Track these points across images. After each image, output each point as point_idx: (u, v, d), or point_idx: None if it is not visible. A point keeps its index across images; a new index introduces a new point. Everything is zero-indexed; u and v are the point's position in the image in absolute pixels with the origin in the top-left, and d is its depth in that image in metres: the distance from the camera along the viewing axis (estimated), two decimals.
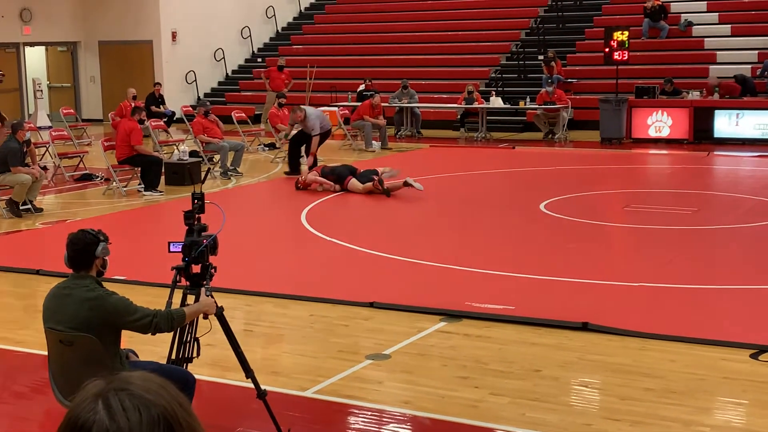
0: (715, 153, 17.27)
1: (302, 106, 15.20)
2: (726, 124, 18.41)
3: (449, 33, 25.45)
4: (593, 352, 6.51)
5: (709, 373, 6.09)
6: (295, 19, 28.86)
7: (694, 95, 18.94)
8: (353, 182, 13.36)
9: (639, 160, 17.37)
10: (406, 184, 13.16)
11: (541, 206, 12.02)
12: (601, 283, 8.34)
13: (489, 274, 8.69)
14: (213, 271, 5.13)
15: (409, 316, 7.42)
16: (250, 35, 27.46)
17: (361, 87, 22.18)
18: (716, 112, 18.43)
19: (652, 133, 18.87)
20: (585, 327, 6.96)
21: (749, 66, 20.48)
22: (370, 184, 13.24)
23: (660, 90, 19.27)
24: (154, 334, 4.68)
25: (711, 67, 21.11)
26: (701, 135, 18.44)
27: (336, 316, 7.49)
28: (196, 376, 5.00)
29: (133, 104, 17.13)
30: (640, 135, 18.91)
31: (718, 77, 19.55)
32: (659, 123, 18.82)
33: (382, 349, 6.63)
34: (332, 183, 13.50)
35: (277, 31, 28.36)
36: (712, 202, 12.83)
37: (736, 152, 17.43)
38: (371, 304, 7.69)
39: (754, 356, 6.36)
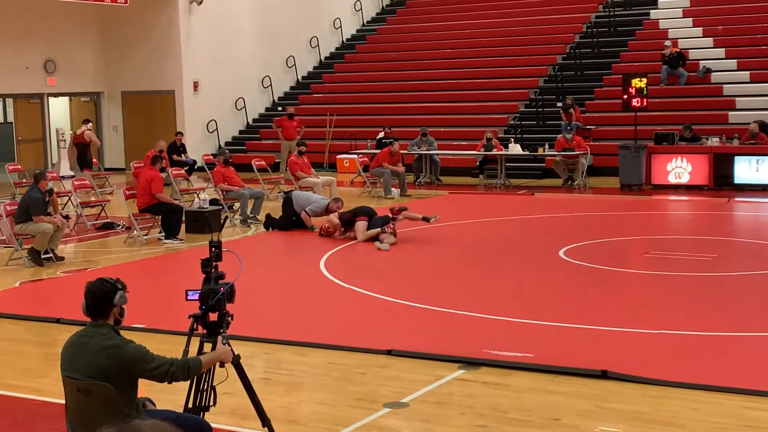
0: (735, 199, 17.20)
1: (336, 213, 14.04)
2: (746, 170, 18.37)
3: (468, 81, 25.63)
4: (613, 401, 6.46)
5: (731, 422, 6.02)
6: (315, 68, 29.17)
7: (714, 141, 18.92)
8: (358, 225, 13.33)
9: (659, 206, 17.32)
10: (425, 219, 13.39)
11: (561, 253, 11.99)
12: (621, 330, 8.28)
13: (507, 322, 8.66)
14: (230, 319, 5.15)
15: (427, 363, 7.39)
16: (270, 84, 27.76)
17: (381, 134, 22.32)
18: (736, 158, 18.41)
19: (672, 180, 18.84)
20: (604, 375, 6.90)
21: None
22: (374, 231, 13.21)
23: (679, 136, 19.27)
24: (170, 383, 4.69)
25: (730, 113, 21.13)
26: (721, 181, 18.40)
27: (354, 364, 7.47)
28: (214, 425, 5.00)
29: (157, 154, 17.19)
30: (659, 181, 18.88)
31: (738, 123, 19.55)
32: (679, 169, 18.80)
33: (400, 398, 6.60)
34: (342, 229, 13.52)
35: (298, 80, 28.65)
36: (732, 248, 12.76)
37: (756, 198, 17.35)
38: (389, 352, 7.67)
39: None
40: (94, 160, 21.41)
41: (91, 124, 21.35)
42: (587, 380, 6.86)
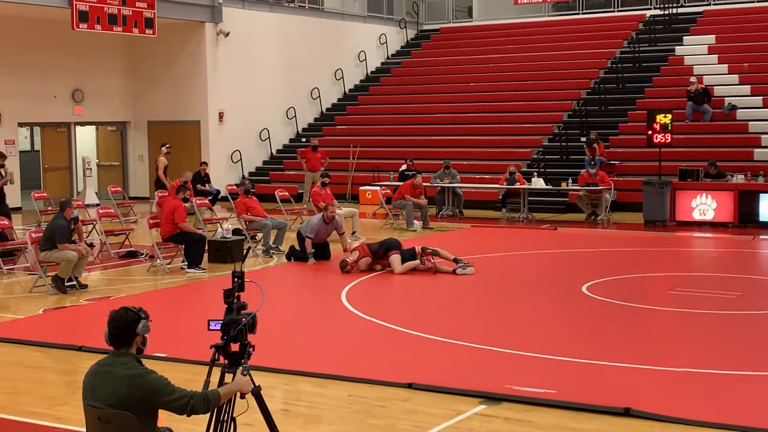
0: (760, 237, 17.05)
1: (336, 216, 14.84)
2: None
3: (492, 114, 25.68)
4: None
5: None
6: (339, 100, 29.34)
7: (739, 178, 18.82)
8: (394, 259, 13.36)
9: (683, 243, 17.21)
10: (455, 270, 13.18)
11: (584, 288, 11.92)
12: (645, 367, 8.20)
13: (530, 357, 8.60)
14: (251, 349, 5.15)
15: (448, 398, 7.34)
16: (295, 116, 27.93)
17: (403, 167, 22.35)
18: (761, 195, 18.28)
19: (697, 216, 18.73)
20: (627, 413, 6.83)
21: None
22: (413, 263, 13.27)
23: (704, 173, 19.18)
24: (189, 415, 4.68)
25: (755, 150, 21.03)
26: (746, 218, 18.27)
27: (374, 397, 7.43)
28: None
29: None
30: (684, 218, 18.77)
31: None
32: (703, 206, 18.69)
33: None
34: (368, 259, 13.49)
35: (322, 111, 28.81)
36: (757, 286, 12.63)
37: None
38: (410, 385, 7.63)
39: None
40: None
41: (165, 146, 22.20)
42: (610, 418, 6.79)
